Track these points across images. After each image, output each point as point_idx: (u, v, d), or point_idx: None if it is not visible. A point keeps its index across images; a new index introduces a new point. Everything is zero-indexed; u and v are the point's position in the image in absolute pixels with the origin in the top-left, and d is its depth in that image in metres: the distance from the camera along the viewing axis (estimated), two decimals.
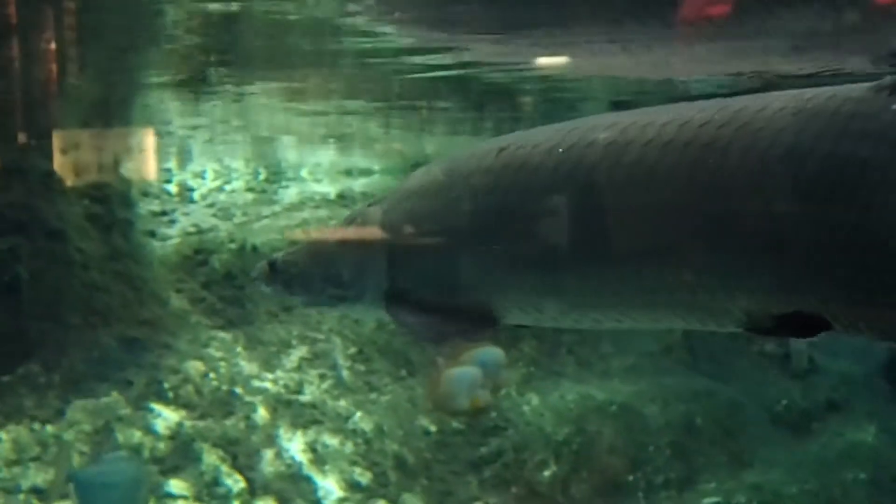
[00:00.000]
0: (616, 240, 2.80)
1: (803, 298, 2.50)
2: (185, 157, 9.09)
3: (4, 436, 6.76)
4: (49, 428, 6.90)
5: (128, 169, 8.12)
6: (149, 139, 8.38)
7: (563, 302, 2.98)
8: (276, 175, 9.23)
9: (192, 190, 8.79)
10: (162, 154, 8.94)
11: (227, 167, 9.15)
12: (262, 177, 9.18)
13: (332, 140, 9.67)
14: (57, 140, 7.36)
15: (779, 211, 2.48)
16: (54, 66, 6.59)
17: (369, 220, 3.30)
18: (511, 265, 3.02)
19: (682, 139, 2.60)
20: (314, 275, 3.37)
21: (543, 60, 6.76)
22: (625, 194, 2.73)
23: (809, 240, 2.46)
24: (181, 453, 7.01)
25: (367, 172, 9.70)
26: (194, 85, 7.59)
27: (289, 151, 9.70)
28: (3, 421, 6.85)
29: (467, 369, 6.60)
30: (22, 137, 7.10)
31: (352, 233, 3.35)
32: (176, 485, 6.92)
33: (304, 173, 9.42)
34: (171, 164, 8.82)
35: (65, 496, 6.58)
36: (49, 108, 7.19)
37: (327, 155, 9.79)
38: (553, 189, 2.90)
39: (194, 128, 8.60)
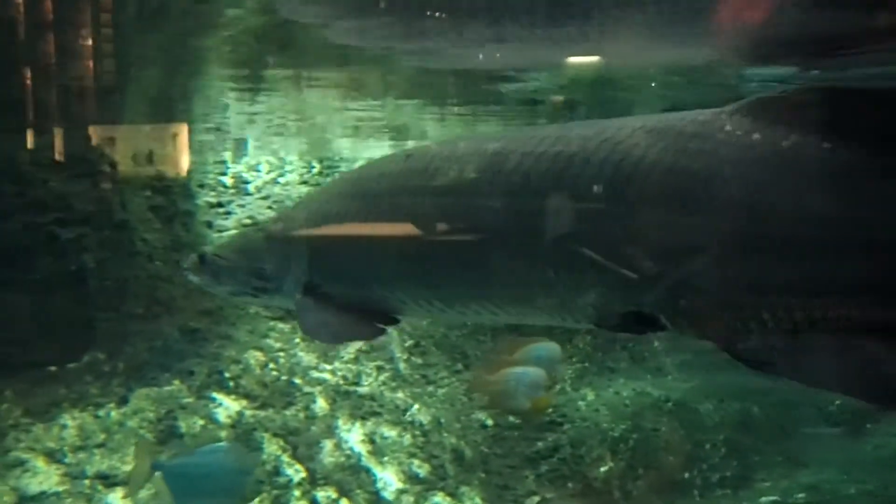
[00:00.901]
0: (492, 241, 3.06)
1: (641, 299, 2.78)
2: (240, 150, 9.13)
3: (70, 422, 6.81)
4: (113, 415, 6.95)
5: (185, 161, 8.19)
6: (205, 133, 8.45)
7: (448, 297, 3.28)
8: (330, 168, 9.26)
9: (247, 182, 8.83)
10: (218, 147, 8.99)
11: (281, 160, 9.19)
12: (315, 170, 9.21)
13: (386, 133, 9.68)
14: (121, 132, 7.43)
15: (624, 218, 2.76)
16: (115, 59, 6.65)
17: (289, 220, 3.64)
18: (404, 263, 3.32)
19: (553, 150, 2.90)
20: (239, 268, 3.68)
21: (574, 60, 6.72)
22: (501, 199, 3.01)
23: (646, 245, 2.74)
24: (242, 442, 7.03)
25: None
26: (251, 79, 7.63)
27: (343, 144, 9.73)
28: (68, 407, 6.90)
29: (529, 369, 6.54)
30: (88, 129, 7.18)
31: (273, 231, 3.65)
32: None
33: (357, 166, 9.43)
34: (227, 156, 8.86)
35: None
36: (113, 101, 7.25)
37: (381, 148, 9.82)
38: (440, 193, 3.18)
39: (250, 121, 8.64)
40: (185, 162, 8.24)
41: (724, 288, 2.64)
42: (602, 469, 7.75)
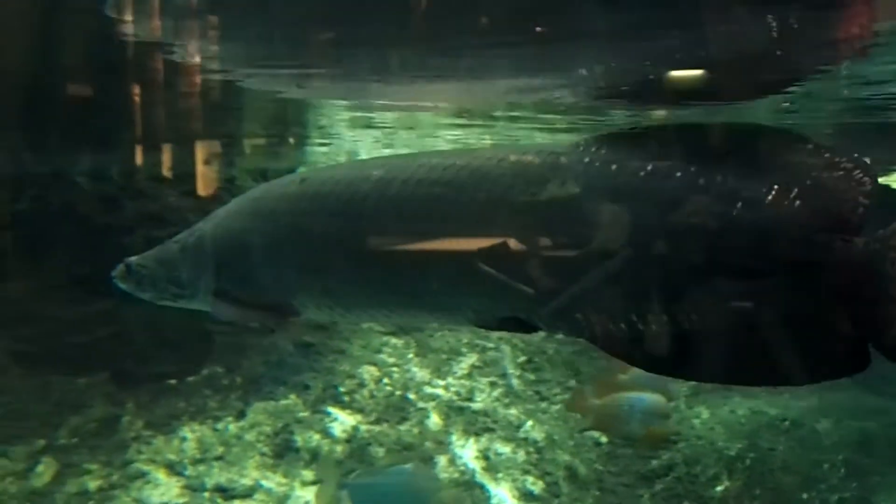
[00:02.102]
0: (379, 256, 3.50)
1: (515, 306, 3.22)
2: (353, 156, 9.18)
3: (189, 434, 6.88)
4: (231, 428, 7.00)
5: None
6: (314, 147, 8.51)
7: (342, 303, 3.72)
8: None
9: None
10: (331, 162, 9.06)
11: None
12: None
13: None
14: (238, 147, 7.52)
15: (494, 238, 3.19)
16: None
17: (199, 233, 4.00)
18: (300, 273, 3.75)
19: (430, 178, 3.32)
20: (159, 276, 4.08)
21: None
22: (385, 220, 3.45)
23: (515, 261, 3.16)
24: (358, 456, 7.04)
25: None
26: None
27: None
28: (188, 420, 6.98)
29: (645, 395, 6.36)
30: (209, 144, 7.27)
31: (185, 243, 4.04)
32: None
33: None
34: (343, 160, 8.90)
35: (247, 496, 6.66)
36: (231, 116, 7.34)
37: None
38: (333, 213, 3.61)
39: (362, 135, 8.69)
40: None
41: (589, 296, 3.10)
42: (718, 488, 7.59)
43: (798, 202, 2.97)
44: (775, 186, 3.00)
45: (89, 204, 7.03)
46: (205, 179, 7.39)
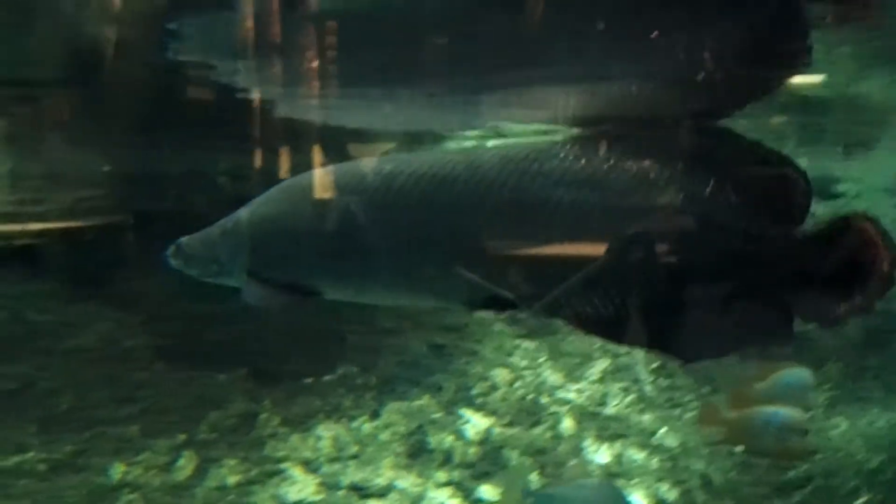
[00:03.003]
0: (384, 244, 3.91)
1: (500, 287, 3.62)
2: None
3: (325, 433, 6.93)
4: (366, 427, 7.03)
5: None
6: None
7: (354, 286, 4.19)
8: None
9: None
10: None
11: None
12: None
13: None
14: (358, 150, 7.55)
15: (482, 226, 3.60)
16: None
17: (237, 218, 4.49)
18: (320, 259, 4.16)
19: (430, 172, 3.72)
20: (203, 256, 4.55)
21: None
22: (391, 211, 3.85)
23: (500, 247, 3.60)
24: (490, 459, 7.00)
25: None
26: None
27: None
28: (323, 418, 7.03)
29: (781, 410, 6.16)
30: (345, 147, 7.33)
31: (224, 227, 4.53)
32: (487, 490, 6.90)
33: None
34: None
35: (381, 495, 6.67)
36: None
37: None
38: (348, 206, 4.04)
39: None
40: None
41: (563, 279, 3.51)
42: (857, 502, 7.38)
43: (740, 197, 3.44)
44: (721, 183, 3.45)
45: (230, 204, 7.14)
46: None
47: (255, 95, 6.81)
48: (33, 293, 6.87)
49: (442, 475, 6.87)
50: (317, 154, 7.26)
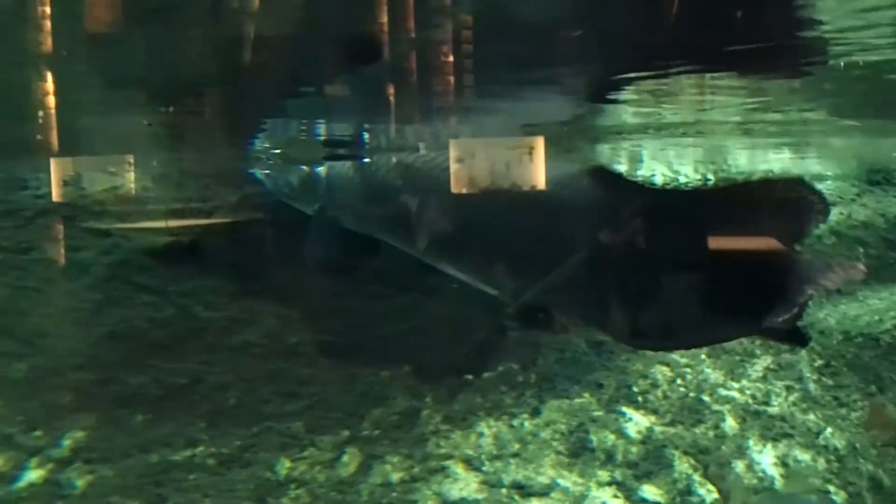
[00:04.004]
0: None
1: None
2: (635, 161, 9.05)
3: (486, 430, 6.89)
4: (527, 425, 6.98)
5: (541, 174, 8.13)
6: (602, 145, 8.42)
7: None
8: (726, 180, 9.03)
9: None
10: (614, 158, 8.95)
11: (675, 171, 9.03)
12: (710, 182, 9.00)
13: (786, 145, 9.34)
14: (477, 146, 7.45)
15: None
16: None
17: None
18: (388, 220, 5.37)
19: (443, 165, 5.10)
20: (281, 176, 6.14)
21: None
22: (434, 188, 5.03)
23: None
24: (653, 459, 6.89)
25: (819, 178, 9.32)
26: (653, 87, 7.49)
27: (740, 156, 9.47)
28: (484, 416, 7.00)
29: None
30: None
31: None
32: (650, 490, 6.79)
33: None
34: (622, 168, 8.80)
35: (543, 494, 6.61)
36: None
37: (780, 160, 9.48)
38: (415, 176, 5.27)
39: (646, 130, 8.53)
40: (540, 175, 8.17)
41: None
42: None
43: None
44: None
45: None
46: None
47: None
48: (201, 289, 6.97)
49: (604, 474, 6.78)
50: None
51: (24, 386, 6.65)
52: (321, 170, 6.44)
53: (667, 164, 9.17)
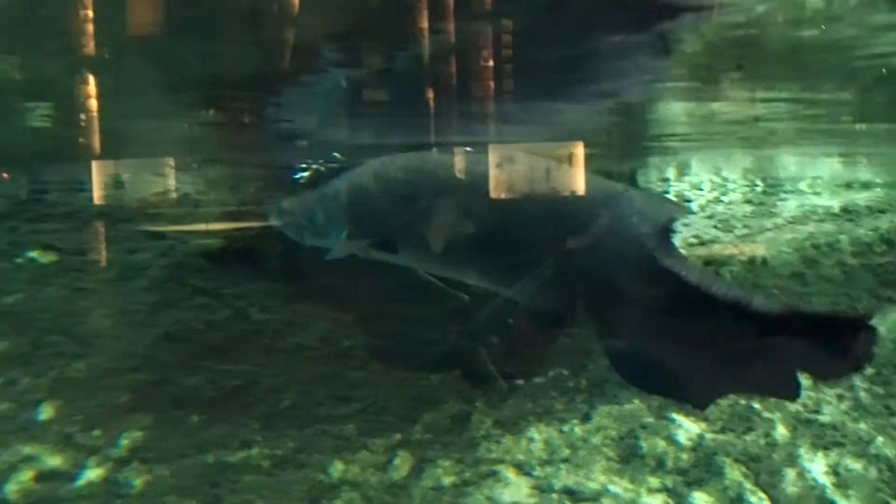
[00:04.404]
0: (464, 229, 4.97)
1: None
2: (684, 168, 9.05)
3: (537, 435, 6.92)
4: (577, 430, 7.00)
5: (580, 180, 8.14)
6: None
7: (425, 258, 5.17)
8: (774, 187, 9.00)
9: (689, 201, 8.74)
10: (662, 165, 8.96)
11: (724, 178, 9.03)
12: (759, 189, 8.98)
13: (836, 153, 9.32)
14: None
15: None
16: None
17: (335, 187, 5.44)
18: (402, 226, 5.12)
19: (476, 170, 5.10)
20: (301, 216, 5.68)
21: None
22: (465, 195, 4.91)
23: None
24: (703, 466, 6.89)
25: (868, 186, 9.29)
26: (702, 93, 7.52)
27: (789, 163, 9.46)
28: (534, 421, 7.02)
29: None
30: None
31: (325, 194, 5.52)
32: (700, 497, 6.80)
33: (803, 186, 9.15)
34: (670, 173, 8.80)
35: (594, 500, 6.63)
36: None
37: (829, 167, 9.46)
38: (437, 182, 5.11)
39: (692, 137, 8.56)
40: (579, 181, 8.18)
41: None
42: None
43: None
44: None
45: None
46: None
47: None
48: (255, 292, 7.04)
49: (654, 481, 6.79)
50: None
51: (82, 386, 6.73)
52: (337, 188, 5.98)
53: (715, 171, 9.17)
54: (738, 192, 8.97)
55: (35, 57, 6.56)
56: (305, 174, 6.97)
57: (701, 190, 8.89)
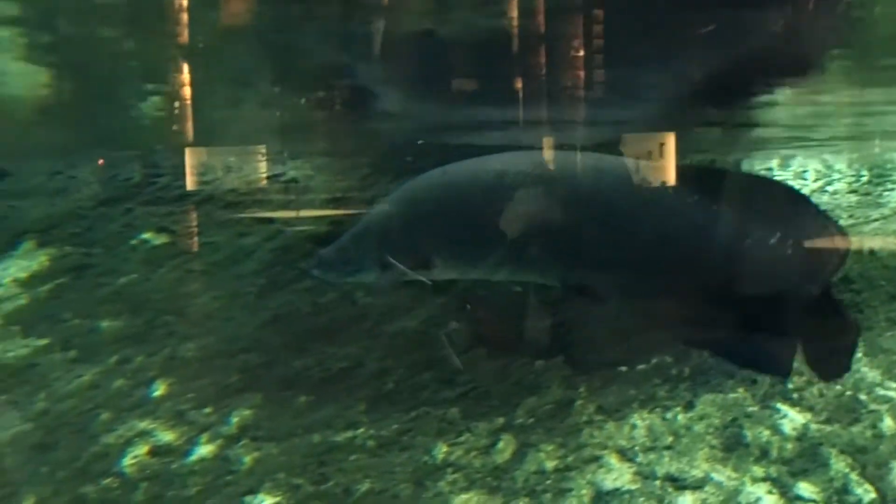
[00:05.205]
0: (493, 233, 5.19)
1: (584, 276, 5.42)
2: (787, 157, 8.96)
3: (640, 422, 6.91)
4: (680, 418, 6.97)
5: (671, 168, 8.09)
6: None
7: (465, 265, 5.52)
8: (881, 178, 8.86)
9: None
10: (767, 154, 8.88)
11: (829, 168, 8.92)
12: (864, 178, 8.85)
13: None
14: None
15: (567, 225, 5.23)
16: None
17: (365, 224, 5.73)
18: (438, 243, 5.44)
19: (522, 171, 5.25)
20: (337, 261, 5.76)
21: None
22: (496, 206, 5.13)
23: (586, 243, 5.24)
24: (808, 456, 6.82)
25: None
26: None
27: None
28: (637, 408, 7.01)
29: None
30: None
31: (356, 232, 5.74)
32: (805, 488, 6.72)
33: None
34: (773, 163, 8.72)
35: (697, 488, 6.60)
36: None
37: None
38: (462, 199, 5.31)
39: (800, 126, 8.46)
40: (671, 170, 8.13)
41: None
42: None
43: None
44: None
45: None
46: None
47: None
48: None
49: (759, 470, 6.74)
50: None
51: (194, 365, 6.90)
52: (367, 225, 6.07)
53: (819, 160, 9.06)
54: (843, 182, 8.85)
55: (150, 45, 6.72)
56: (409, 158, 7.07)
57: (805, 179, 8.79)
